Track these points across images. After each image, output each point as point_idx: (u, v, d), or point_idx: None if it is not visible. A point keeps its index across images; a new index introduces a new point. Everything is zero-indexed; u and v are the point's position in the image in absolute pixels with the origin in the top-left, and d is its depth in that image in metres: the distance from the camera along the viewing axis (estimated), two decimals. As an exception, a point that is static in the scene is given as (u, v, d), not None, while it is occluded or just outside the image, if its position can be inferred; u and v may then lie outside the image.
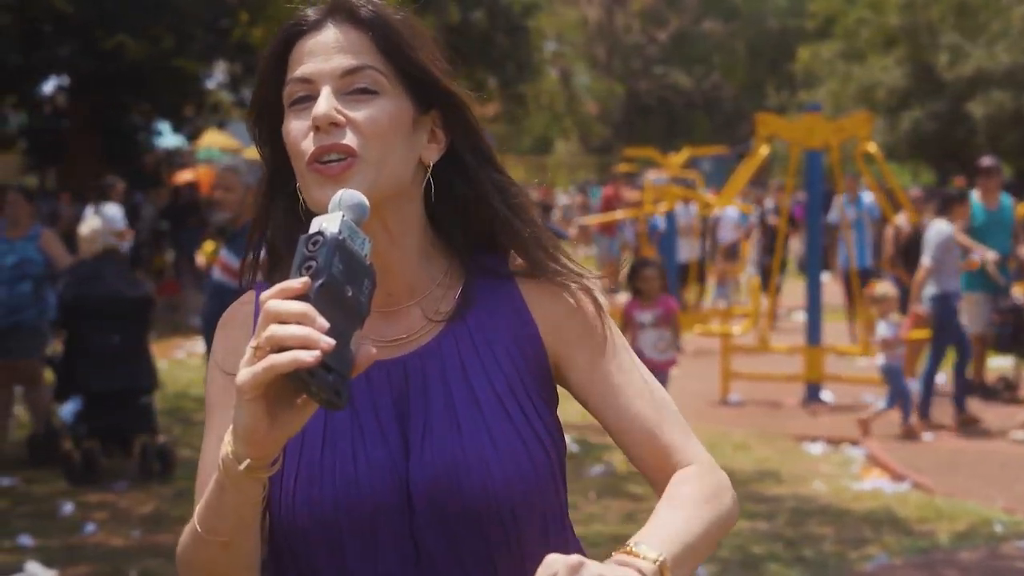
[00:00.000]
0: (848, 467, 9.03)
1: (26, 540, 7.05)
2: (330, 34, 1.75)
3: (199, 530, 1.61)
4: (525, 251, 1.83)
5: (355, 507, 1.68)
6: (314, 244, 1.46)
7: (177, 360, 13.55)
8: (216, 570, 1.65)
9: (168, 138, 27.22)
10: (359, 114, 1.71)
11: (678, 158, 20.56)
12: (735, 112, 44.08)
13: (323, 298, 1.43)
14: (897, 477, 8.61)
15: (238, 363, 1.56)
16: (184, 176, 28.46)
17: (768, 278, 14.52)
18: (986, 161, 11.61)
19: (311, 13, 1.78)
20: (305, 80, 1.73)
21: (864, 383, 11.90)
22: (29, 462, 8.88)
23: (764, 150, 11.73)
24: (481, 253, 1.85)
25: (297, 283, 1.43)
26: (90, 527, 7.32)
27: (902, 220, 12.13)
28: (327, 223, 1.48)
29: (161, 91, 20.12)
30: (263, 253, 1.86)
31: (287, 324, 1.41)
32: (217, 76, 22.84)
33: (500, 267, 1.85)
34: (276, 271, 1.83)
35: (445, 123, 1.81)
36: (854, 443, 9.69)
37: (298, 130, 1.72)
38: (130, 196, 18.41)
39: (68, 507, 7.73)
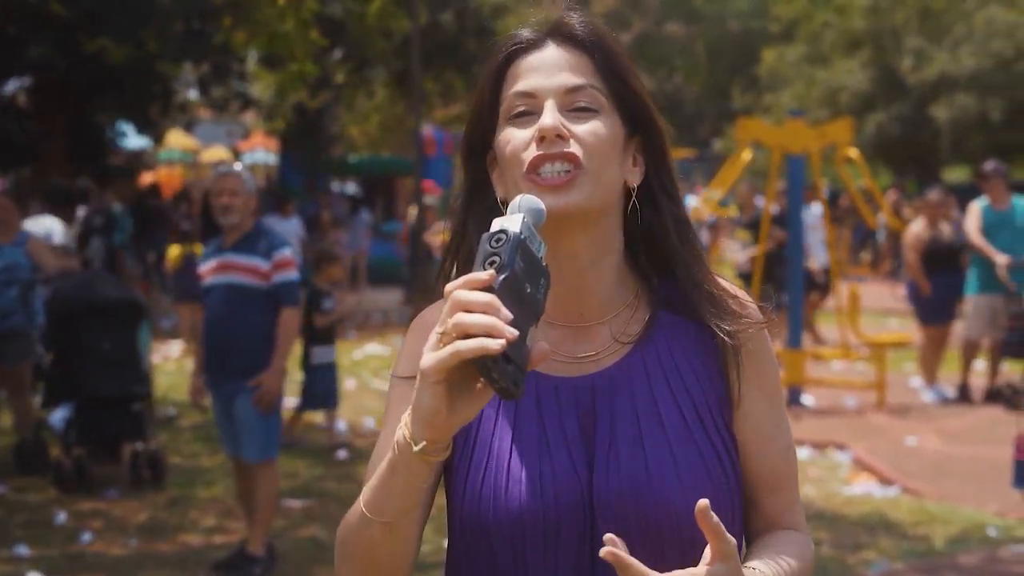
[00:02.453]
0: (835, 471, 9.08)
1: (23, 550, 6.98)
2: (552, 52, 1.83)
3: (364, 511, 1.67)
4: (692, 290, 1.88)
5: (539, 512, 1.74)
6: (497, 241, 1.53)
7: (153, 365, 13.42)
8: (375, 553, 1.72)
9: (132, 139, 27.01)
10: (581, 129, 1.78)
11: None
12: (696, 114, 44.20)
13: (505, 292, 1.50)
14: (886, 481, 8.66)
15: (415, 366, 1.68)
16: (147, 178, 28.25)
17: None
18: (988, 165, 11.68)
19: (529, 32, 1.85)
20: (528, 94, 1.81)
21: (844, 387, 11.98)
22: (16, 470, 8.79)
23: (747, 155, 11.78)
24: (664, 283, 1.91)
25: (483, 275, 1.50)
26: (86, 536, 7.26)
27: (919, 226, 12.08)
28: (508, 223, 1.55)
29: (129, 92, 19.96)
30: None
31: (473, 313, 1.47)
32: (185, 77, 22.69)
33: (683, 300, 1.90)
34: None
35: (644, 150, 1.88)
36: (840, 447, 9.74)
37: (519, 139, 1.79)
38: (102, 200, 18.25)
39: (62, 516, 7.66)
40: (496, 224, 1.56)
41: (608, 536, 1.63)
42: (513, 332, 1.47)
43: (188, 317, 12.90)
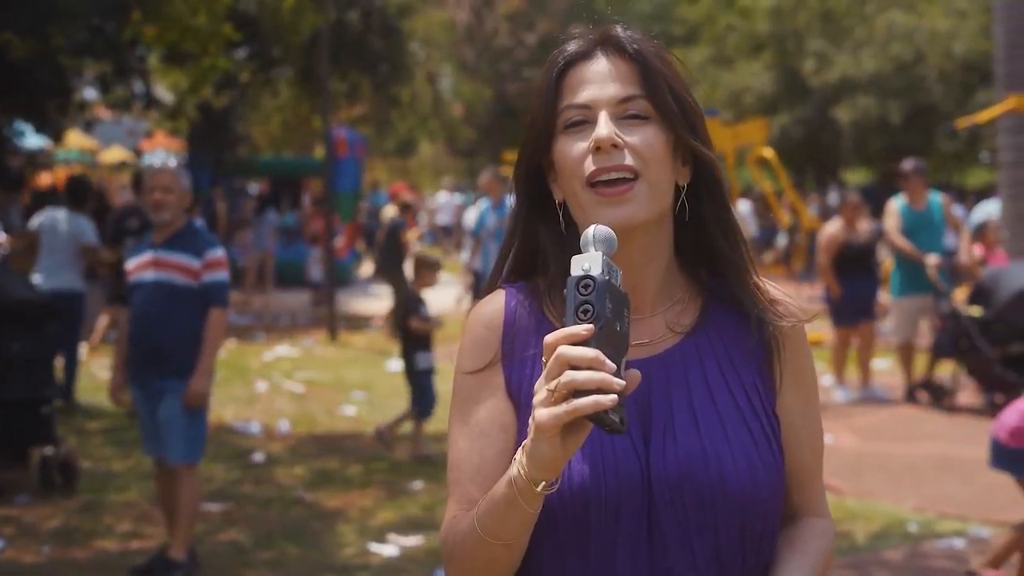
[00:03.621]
0: (754, 469, 9.09)
1: (-68, 558, 6.76)
2: (603, 63, 1.93)
3: (483, 535, 1.79)
4: (737, 283, 1.99)
5: (600, 492, 1.83)
6: (586, 288, 1.62)
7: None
8: (495, 566, 1.84)
9: (30, 139, 26.44)
10: (635, 138, 1.88)
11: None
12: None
13: (602, 338, 1.61)
14: (805, 479, 8.68)
15: (481, 360, 1.95)
16: (44, 178, 27.71)
17: None
18: (908, 164, 11.59)
19: (578, 43, 1.95)
20: (583, 106, 1.91)
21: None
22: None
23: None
24: (712, 277, 2.02)
25: (582, 330, 1.61)
26: (-2, 543, 7.05)
27: (834, 228, 11.96)
28: (589, 263, 1.64)
29: (30, 89, 19.50)
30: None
31: (581, 369, 1.59)
32: (86, 75, 22.24)
33: (731, 296, 2.01)
34: (519, 276, 2.04)
35: (690, 151, 1.96)
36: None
37: (577, 151, 1.90)
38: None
39: (-29, 523, 7.43)
40: (575, 265, 1.64)
41: None
42: (621, 383, 1.59)
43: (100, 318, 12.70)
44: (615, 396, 1.58)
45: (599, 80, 1.91)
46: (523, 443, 1.70)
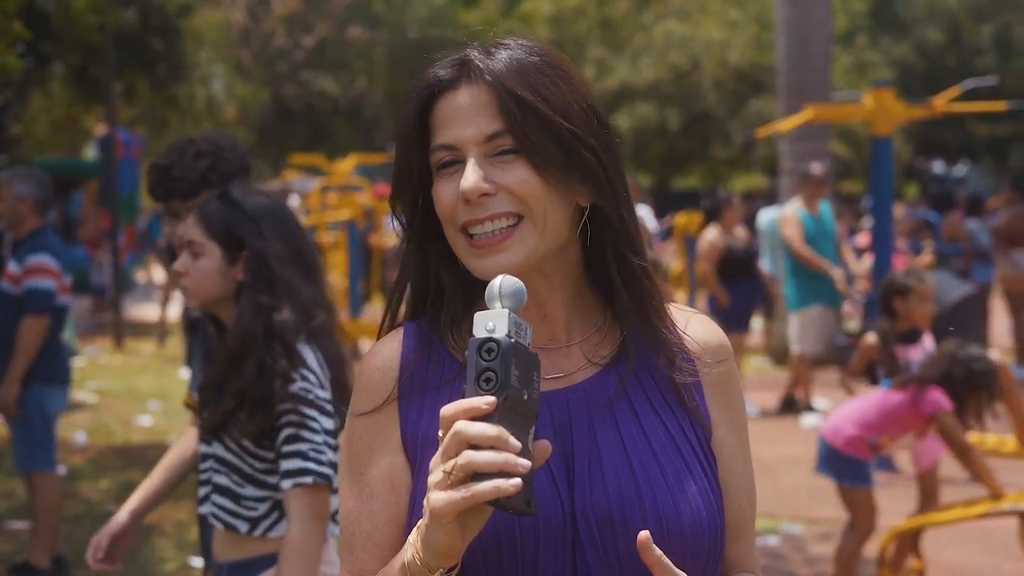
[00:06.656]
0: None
1: None
2: (464, 96, 1.72)
3: None
4: (649, 330, 1.79)
5: (516, 538, 1.64)
6: (489, 352, 1.45)
7: None
8: None
9: None
10: (510, 178, 1.69)
11: (345, 165, 20.43)
12: (375, 119, 44.25)
13: (506, 411, 1.44)
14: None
15: (374, 403, 1.76)
16: None
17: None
18: (818, 168, 11.14)
19: (441, 71, 1.75)
20: (449, 147, 1.72)
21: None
22: None
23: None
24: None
25: (482, 403, 1.44)
26: None
27: (714, 234, 11.44)
28: (494, 322, 1.47)
29: None
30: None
31: (482, 450, 1.43)
32: None
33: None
34: (424, 307, 1.84)
35: (586, 171, 1.76)
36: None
37: (449, 198, 1.71)
38: None
39: None
40: (479, 323, 1.48)
41: (643, 533, 1.58)
42: (526, 464, 1.43)
43: None
44: (518, 481, 1.41)
45: (462, 116, 1.71)
46: (418, 524, 1.53)
